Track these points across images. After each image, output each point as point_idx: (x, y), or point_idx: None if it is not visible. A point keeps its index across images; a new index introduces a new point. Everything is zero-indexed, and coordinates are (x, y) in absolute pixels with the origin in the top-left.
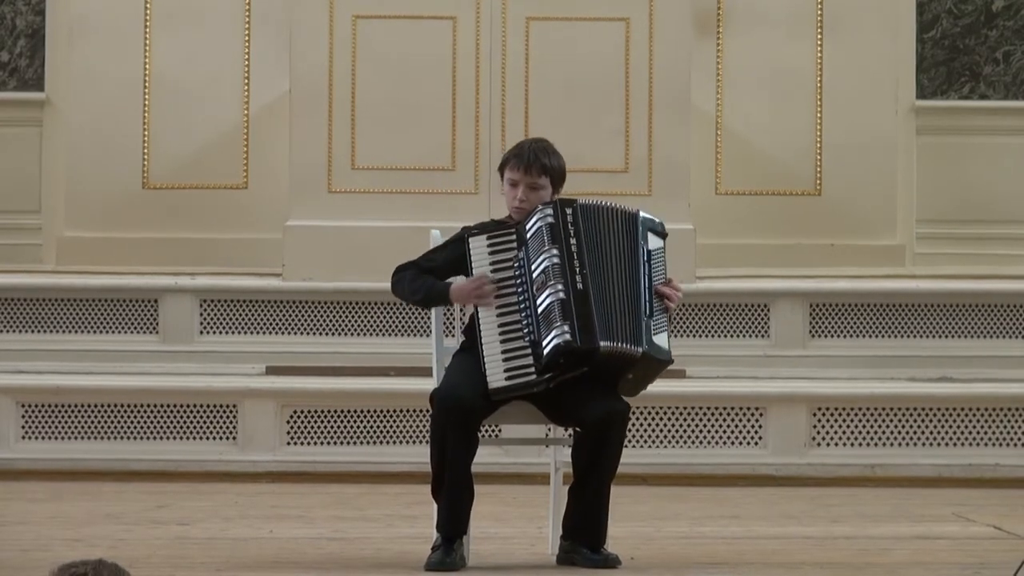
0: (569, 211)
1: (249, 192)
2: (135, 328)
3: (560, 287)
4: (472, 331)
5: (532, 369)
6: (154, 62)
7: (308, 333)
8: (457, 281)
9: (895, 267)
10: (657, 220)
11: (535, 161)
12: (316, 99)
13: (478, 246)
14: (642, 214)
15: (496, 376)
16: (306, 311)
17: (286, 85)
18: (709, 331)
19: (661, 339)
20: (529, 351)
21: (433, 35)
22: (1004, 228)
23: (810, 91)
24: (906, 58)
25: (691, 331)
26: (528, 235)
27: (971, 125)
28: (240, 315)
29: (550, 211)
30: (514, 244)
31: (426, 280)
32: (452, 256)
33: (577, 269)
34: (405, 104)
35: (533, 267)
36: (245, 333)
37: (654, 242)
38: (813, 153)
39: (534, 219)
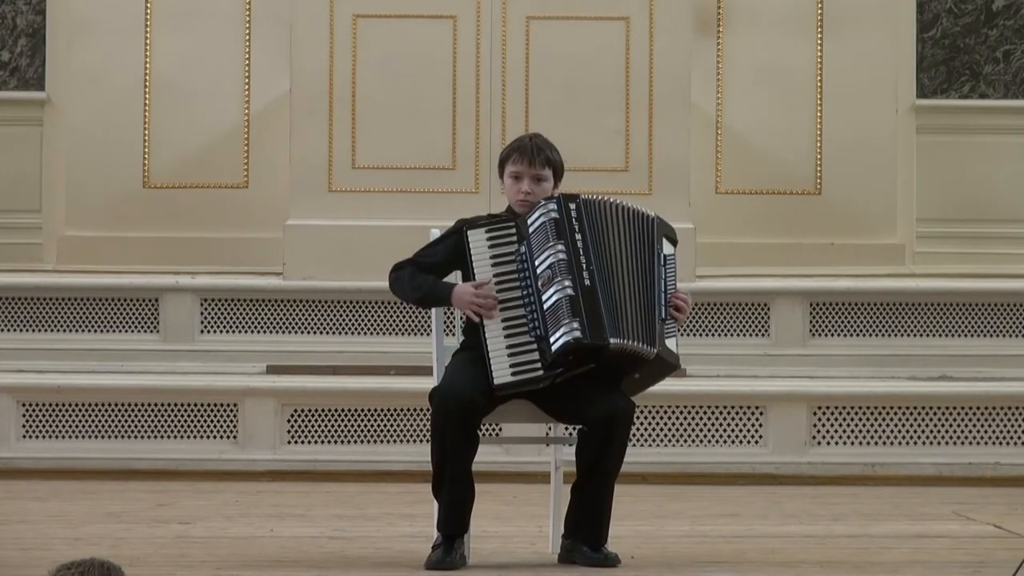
0: (573, 206)
1: (249, 191)
2: (135, 327)
3: (568, 283)
4: (472, 329)
5: (539, 364)
6: (154, 62)
7: (308, 332)
8: (459, 283)
9: (895, 266)
10: (671, 226)
11: (539, 154)
12: (316, 98)
13: (477, 239)
14: (659, 218)
15: (502, 371)
16: (306, 310)
17: (286, 85)
18: (709, 330)
19: (672, 343)
20: (535, 346)
21: (433, 34)
22: (1004, 227)
23: (810, 90)
24: (906, 57)
25: (691, 330)
26: (531, 230)
27: (971, 124)
28: (240, 314)
29: (553, 206)
30: (514, 238)
31: (426, 279)
32: (450, 250)
33: (584, 265)
34: (405, 103)
35: (537, 262)
36: (245, 332)
37: (667, 248)
38: (813, 152)
39: (537, 214)
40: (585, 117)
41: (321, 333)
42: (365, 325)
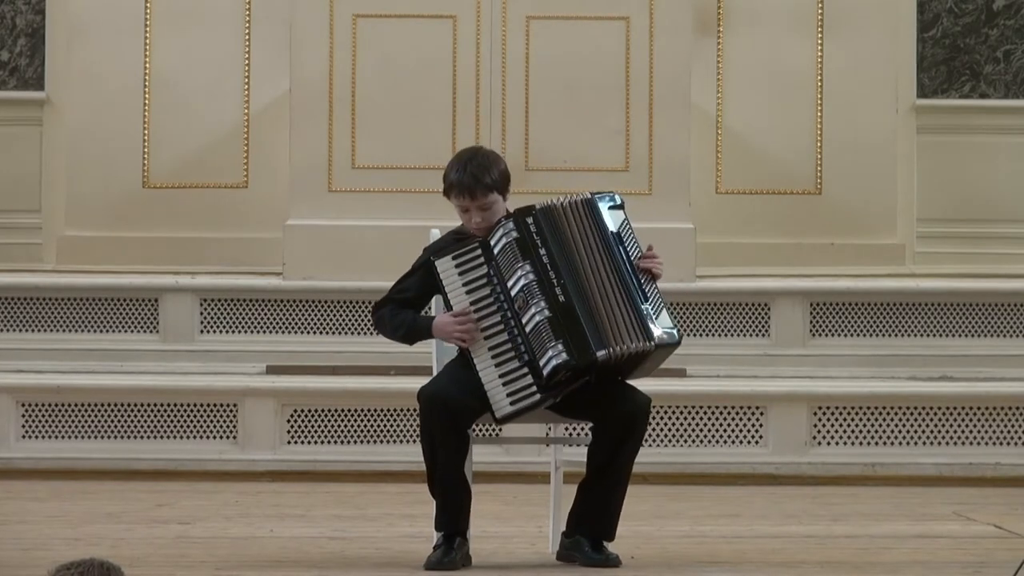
0: (530, 220)
1: (249, 191)
2: (135, 327)
3: (543, 304)
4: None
5: (534, 388)
6: (154, 62)
7: (308, 333)
8: (437, 315)
9: (895, 266)
10: (610, 193)
11: (477, 184)
12: (316, 98)
13: (446, 268)
14: (595, 196)
15: (501, 403)
16: (306, 311)
17: (286, 85)
18: (709, 330)
19: (664, 320)
20: (526, 371)
21: (433, 34)
22: (1004, 227)
23: (810, 90)
24: (906, 57)
25: (691, 330)
26: (495, 251)
27: (971, 124)
28: (240, 314)
29: (512, 225)
30: (481, 259)
31: (406, 316)
32: (423, 282)
33: (555, 281)
34: (405, 103)
35: (509, 285)
36: (245, 332)
37: (617, 218)
38: (813, 152)
39: (498, 234)
40: (585, 117)
41: (321, 333)
42: (365, 325)
